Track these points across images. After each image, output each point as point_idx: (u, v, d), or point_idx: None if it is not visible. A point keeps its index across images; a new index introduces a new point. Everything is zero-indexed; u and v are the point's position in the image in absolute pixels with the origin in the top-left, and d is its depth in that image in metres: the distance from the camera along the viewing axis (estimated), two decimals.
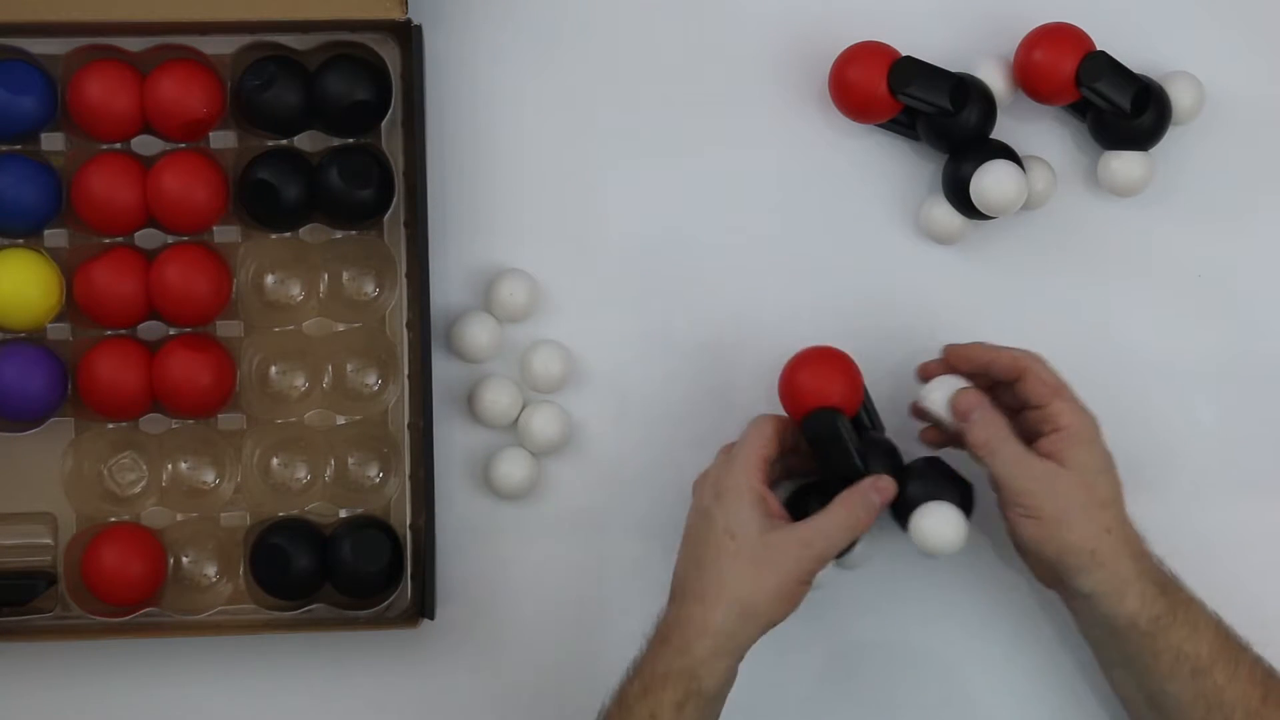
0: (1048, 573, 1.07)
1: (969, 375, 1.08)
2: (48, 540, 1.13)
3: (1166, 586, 1.04)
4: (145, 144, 1.13)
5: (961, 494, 1.08)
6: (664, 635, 1.02)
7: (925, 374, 1.10)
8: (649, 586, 1.09)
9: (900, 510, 1.07)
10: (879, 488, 1.05)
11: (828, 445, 1.07)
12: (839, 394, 1.08)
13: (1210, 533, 1.16)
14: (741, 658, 1.03)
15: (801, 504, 1.08)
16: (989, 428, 1.05)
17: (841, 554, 1.06)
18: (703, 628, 1.01)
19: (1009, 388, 1.07)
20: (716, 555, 1.02)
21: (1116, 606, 1.03)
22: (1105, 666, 1.09)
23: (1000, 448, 1.04)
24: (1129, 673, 1.07)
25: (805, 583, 1.03)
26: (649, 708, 1.01)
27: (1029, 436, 1.06)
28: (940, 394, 1.08)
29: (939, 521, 1.06)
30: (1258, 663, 1.04)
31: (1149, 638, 1.03)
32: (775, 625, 1.03)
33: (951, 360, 1.09)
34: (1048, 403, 1.05)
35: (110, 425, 1.13)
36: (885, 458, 1.08)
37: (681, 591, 1.04)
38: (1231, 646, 1.04)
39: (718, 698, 1.03)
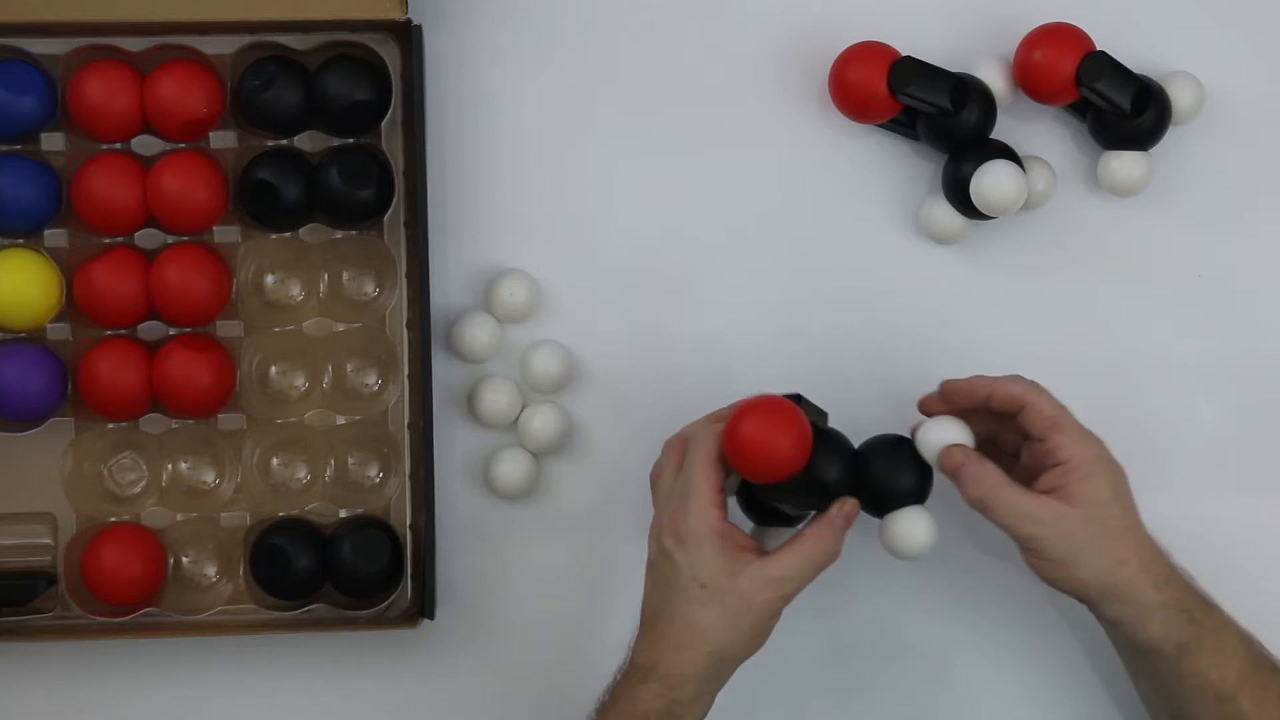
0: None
1: (969, 410, 1.05)
2: (48, 540, 1.13)
3: (1194, 612, 1.02)
4: (145, 144, 1.13)
5: (919, 478, 1.05)
6: (643, 674, 1.02)
7: (925, 408, 1.07)
8: None
9: (866, 500, 1.05)
10: (845, 514, 1.03)
11: (800, 496, 1.05)
12: (790, 448, 1.02)
13: (1210, 533, 1.15)
14: (720, 689, 1.03)
15: (751, 493, 1.06)
16: (981, 483, 1.02)
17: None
18: (682, 677, 1.01)
19: (1011, 420, 1.05)
20: (688, 603, 1.01)
21: (1139, 633, 1.02)
22: (1133, 677, 1.09)
23: (996, 500, 1.01)
24: (1154, 690, 1.06)
25: (776, 617, 1.02)
26: None
27: (1035, 470, 1.03)
28: (935, 438, 1.04)
29: (909, 528, 1.04)
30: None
31: (1174, 662, 1.02)
32: (749, 658, 1.03)
33: (948, 395, 1.06)
34: (1048, 437, 1.03)
35: (110, 425, 1.13)
36: (840, 457, 1.05)
37: (656, 633, 1.02)
38: (1261, 672, 1.02)
39: None
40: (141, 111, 1.11)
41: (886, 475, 1.05)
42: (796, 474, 1.02)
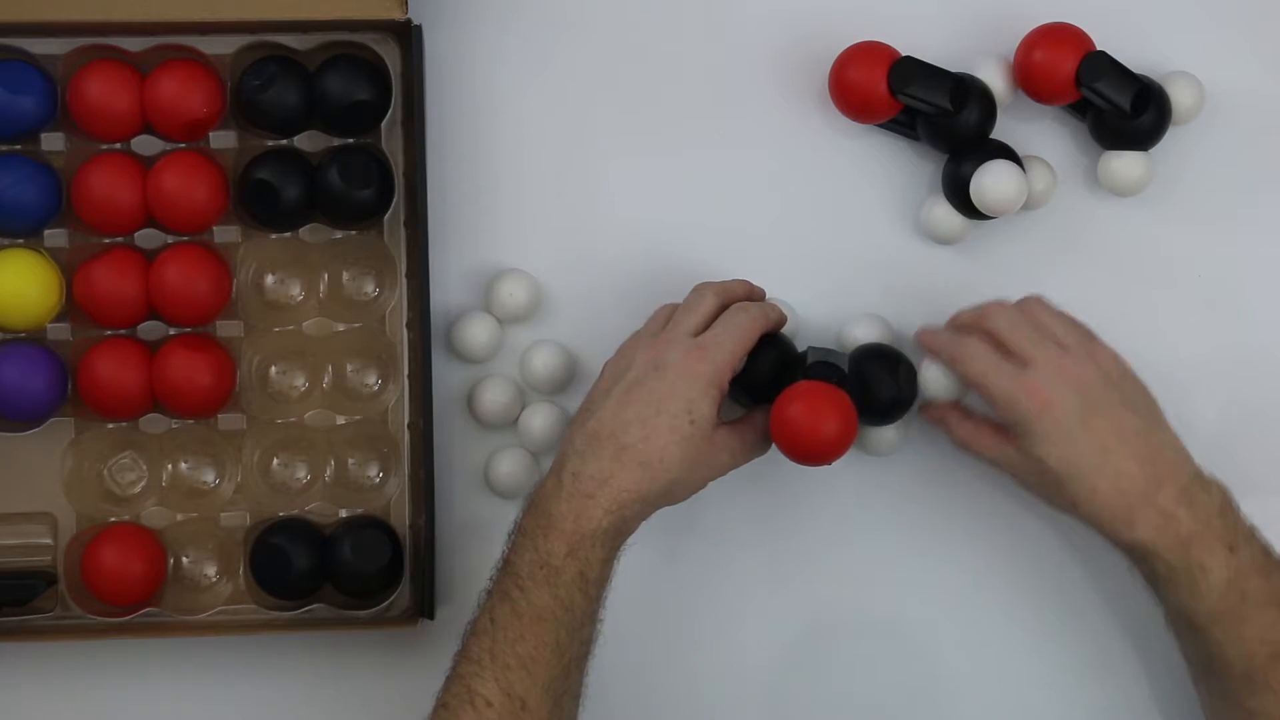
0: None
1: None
2: (48, 540, 1.13)
3: (1162, 552, 1.01)
4: (145, 144, 1.13)
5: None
6: (588, 490, 1.01)
7: (923, 343, 1.11)
8: (646, 586, 1.09)
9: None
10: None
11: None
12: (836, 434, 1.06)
13: None
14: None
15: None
16: (955, 434, 1.09)
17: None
18: (638, 494, 1.01)
19: None
20: (671, 431, 1.02)
21: (1118, 537, 1.04)
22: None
23: (968, 444, 1.09)
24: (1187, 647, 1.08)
25: (713, 480, 1.06)
26: (577, 566, 1.00)
27: None
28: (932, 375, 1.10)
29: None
30: (1276, 624, 1.01)
31: (1148, 582, 1.05)
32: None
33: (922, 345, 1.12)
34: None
35: (110, 425, 1.13)
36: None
37: (617, 447, 1.02)
38: (1243, 607, 1.01)
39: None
40: (141, 111, 1.11)
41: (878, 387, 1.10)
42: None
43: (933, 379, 1.10)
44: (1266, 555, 1.03)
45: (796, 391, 1.06)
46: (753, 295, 1.11)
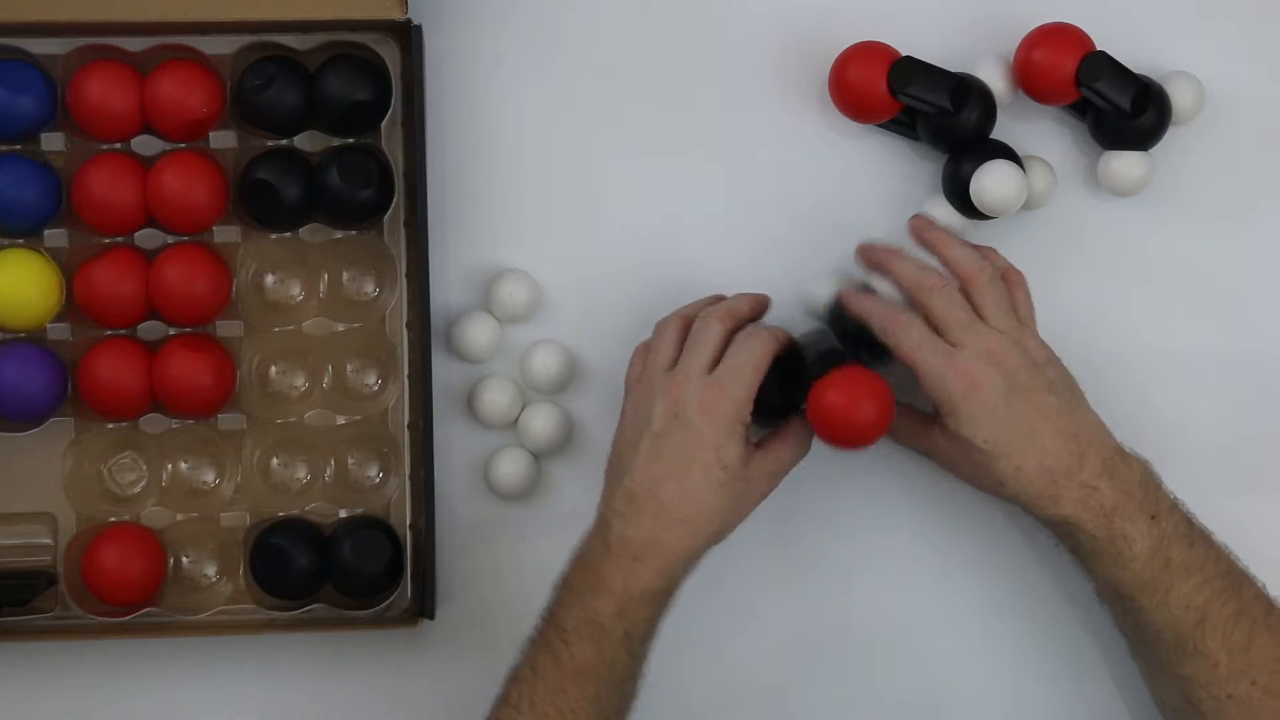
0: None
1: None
2: (48, 540, 1.13)
3: (1085, 525, 1.03)
4: (145, 144, 1.13)
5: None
6: (637, 554, 1.01)
7: (851, 303, 1.10)
8: None
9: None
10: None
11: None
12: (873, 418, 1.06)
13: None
14: None
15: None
16: (894, 427, 1.08)
17: None
18: (685, 553, 1.02)
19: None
20: (704, 480, 1.02)
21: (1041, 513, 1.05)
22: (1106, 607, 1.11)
23: (896, 433, 1.09)
24: (1121, 622, 1.09)
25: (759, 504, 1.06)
26: (624, 626, 1.01)
27: None
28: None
29: None
30: (1203, 587, 1.03)
31: (1074, 555, 1.06)
32: None
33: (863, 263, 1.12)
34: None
35: (110, 425, 1.13)
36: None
37: (656, 507, 1.02)
38: (1167, 575, 1.03)
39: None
40: (141, 111, 1.11)
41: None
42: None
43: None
44: (1189, 525, 1.05)
45: (831, 380, 1.05)
46: (759, 307, 1.11)
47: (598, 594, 1.02)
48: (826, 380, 1.05)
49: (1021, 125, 1.16)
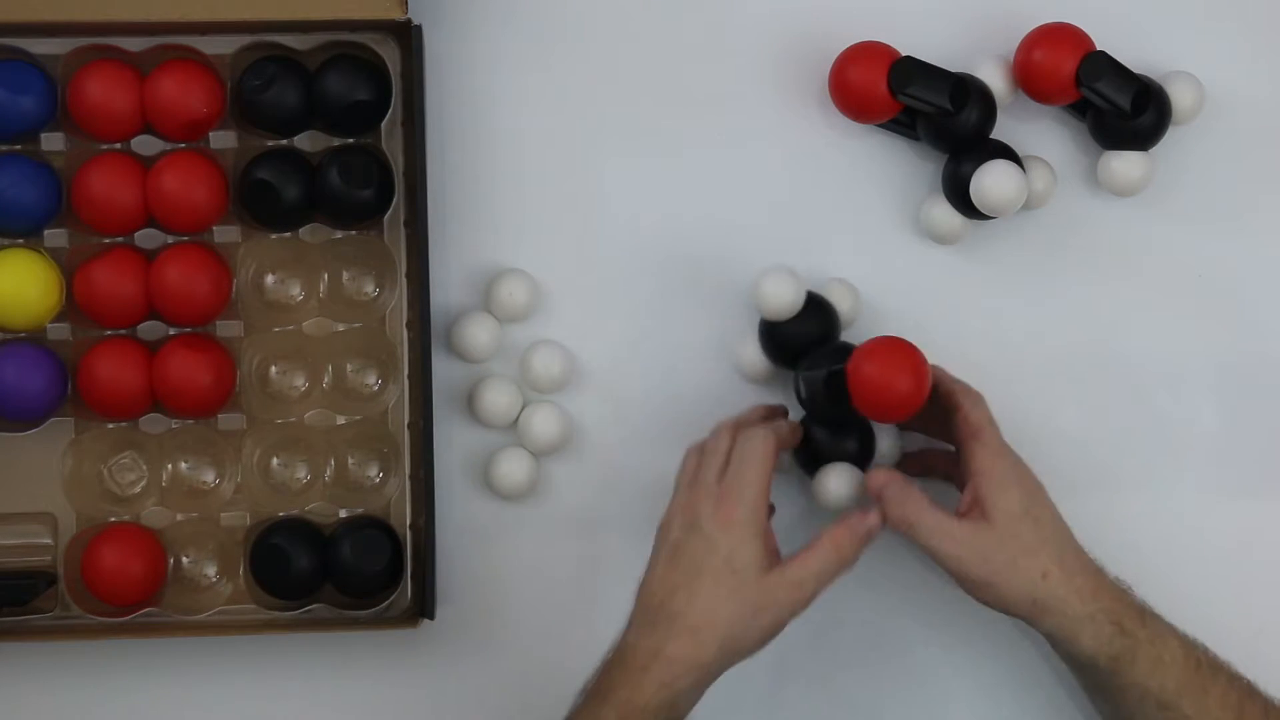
0: None
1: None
2: (48, 540, 1.13)
3: (1125, 623, 1.02)
4: (145, 144, 1.13)
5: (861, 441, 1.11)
6: (643, 664, 1.00)
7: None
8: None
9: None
10: (867, 523, 1.03)
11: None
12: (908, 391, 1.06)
13: (1210, 533, 1.16)
14: (710, 684, 1.02)
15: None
16: (903, 505, 1.03)
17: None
18: (691, 664, 1.00)
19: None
20: (714, 586, 1.00)
21: (1074, 646, 1.03)
22: (1083, 690, 1.09)
23: (917, 521, 1.03)
24: (1101, 700, 1.07)
25: (787, 622, 1.02)
26: None
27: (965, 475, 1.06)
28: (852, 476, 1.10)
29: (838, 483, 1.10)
30: (1231, 686, 1.03)
31: (1110, 674, 1.03)
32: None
33: None
34: (966, 443, 1.05)
35: (110, 425, 1.13)
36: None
37: (666, 617, 1.01)
38: (1201, 676, 1.03)
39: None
40: (141, 111, 1.11)
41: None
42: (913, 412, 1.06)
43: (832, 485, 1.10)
44: (1188, 635, 1.05)
45: (867, 351, 1.05)
46: (773, 415, 1.10)
47: (606, 702, 1.00)
48: (863, 351, 1.05)
49: (1021, 125, 1.16)
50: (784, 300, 1.10)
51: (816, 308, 1.12)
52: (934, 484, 1.11)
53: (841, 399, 1.07)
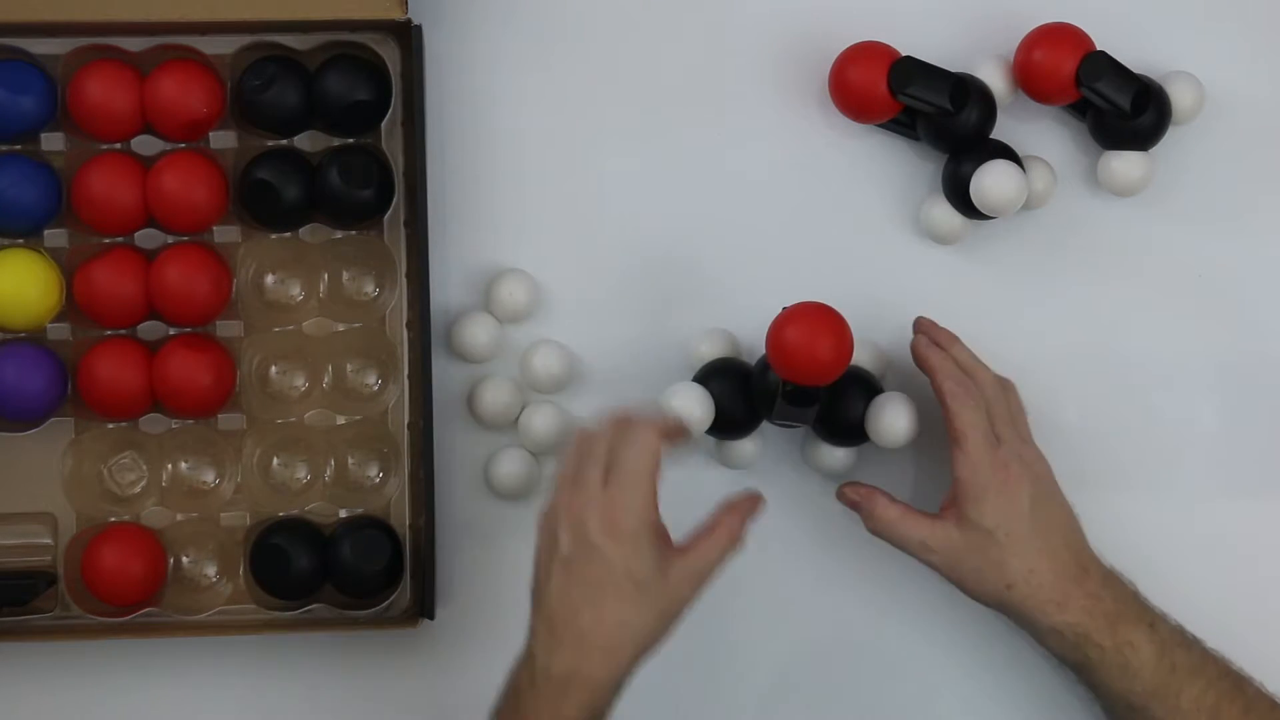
0: None
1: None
2: (48, 540, 1.13)
3: (1092, 635, 1.04)
4: (145, 144, 1.13)
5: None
6: (560, 687, 0.97)
7: (916, 348, 1.11)
8: None
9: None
10: (754, 504, 1.02)
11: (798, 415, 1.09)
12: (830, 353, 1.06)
13: (1210, 533, 1.16)
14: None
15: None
16: (875, 517, 1.08)
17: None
18: (611, 682, 0.98)
19: None
20: (618, 602, 0.97)
21: (1041, 646, 1.07)
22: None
23: (892, 530, 1.07)
24: (1083, 688, 1.09)
25: (688, 610, 1.00)
26: None
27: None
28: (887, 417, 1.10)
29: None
30: (1210, 688, 1.04)
31: (1079, 674, 1.06)
32: None
33: (914, 346, 1.11)
34: (951, 448, 1.06)
35: (110, 425, 1.13)
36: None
37: (575, 636, 0.97)
38: (1175, 679, 1.04)
39: None
40: (141, 111, 1.11)
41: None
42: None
43: (889, 418, 1.10)
44: (1182, 630, 1.06)
45: (789, 315, 1.06)
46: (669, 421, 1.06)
47: None
48: (784, 316, 1.05)
49: (1021, 125, 1.16)
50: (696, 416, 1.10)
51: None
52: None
53: (808, 401, 1.08)
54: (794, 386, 1.07)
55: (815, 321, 1.05)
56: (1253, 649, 1.06)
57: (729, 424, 1.11)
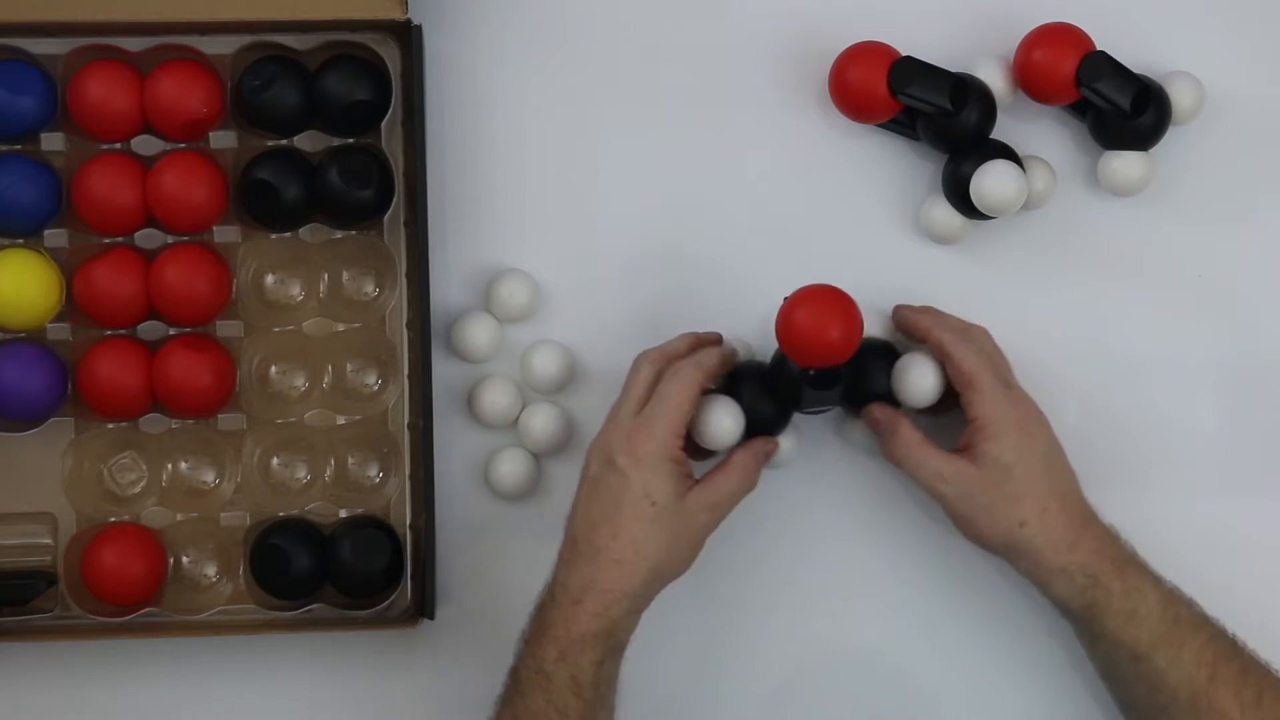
0: None
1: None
2: (48, 540, 1.13)
3: (1101, 578, 1.04)
4: (145, 144, 1.13)
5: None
6: (575, 597, 1.03)
7: (916, 324, 1.11)
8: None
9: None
10: (768, 450, 1.09)
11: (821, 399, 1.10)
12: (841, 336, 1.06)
13: (1210, 533, 1.16)
14: (645, 608, 1.05)
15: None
16: (896, 440, 1.08)
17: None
18: (623, 592, 1.03)
19: None
20: (634, 519, 1.03)
21: (1046, 593, 1.06)
22: (1074, 632, 1.10)
23: (908, 456, 1.08)
24: (1082, 642, 1.09)
25: (704, 542, 1.06)
26: (569, 670, 1.02)
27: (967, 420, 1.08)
28: (911, 375, 1.10)
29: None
30: (1210, 644, 1.04)
31: (1084, 622, 1.06)
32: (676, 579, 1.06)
33: (897, 322, 1.12)
34: (963, 392, 1.07)
35: (110, 425, 1.13)
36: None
37: (592, 550, 1.04)
38: (1179, 631, 1.04)
39: (627, 646, 1.05)
40: (141, 111, 1.11)
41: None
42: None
43: (915, 377, 1.09)
44: (1181, 591, 1.07)
45: (794, 301, 1.06)
46: (699, 343, 1.10)
47: (542, 641, 1.04)
48: (790, 302, 1.05)
49: (1021, 125, 1.16)
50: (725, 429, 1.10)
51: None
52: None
53: (832, 382, 1.09)
54: (815, 371, 1.08)
55: (820, 301, 1.06)
56: (1253, 648, 1.06)
57: (760, 424, 1.10)
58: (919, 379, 1.09)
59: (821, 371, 1.08)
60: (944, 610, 1.16)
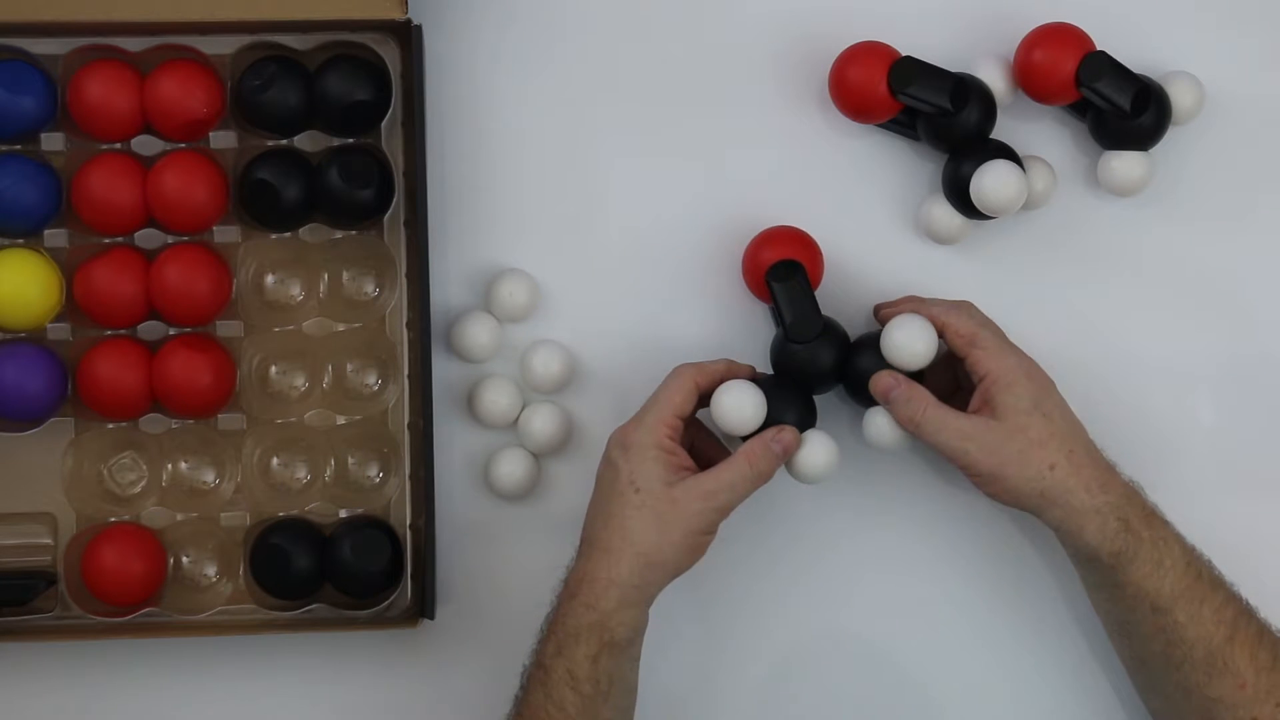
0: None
1: None
2: (48, 540, 1.13)
3: (1131, 521, 1.04)
4: (145, 144, 1.13)
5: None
6: (572, 591, 1.04)
7: (884, 319, 1.11)
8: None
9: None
10: (781, 439, 1.07)
11: (790, 292, 1.10)
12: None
13: (1210, 533, 1.15)
14: (650, 604, 1.05)
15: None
16: (911, 403, 1.07)
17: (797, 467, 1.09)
18: (609, 580, 1.03)
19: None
20: (621, 507, 1.04)
21: (1078, 540, 1.05)
22: (1085, 585, 1.10)
23: (924, 418, 1.06)
24: (1100, 597, 1.08)
25: (709, 533, 1.05)
26: (565, 664, 1.03)
27: (970, 389, 1.08)
28: (899, 336, 1.09)
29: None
30: (1228, 603, 1.04)
31: (1111, 570, 1.05)
32: (682, 574, 1.05)
33: (881, 320, 1.11)
34: (967, 354, 1.07)
35: (110, 425, 1.13)
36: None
37: (589, 543, 1.05)
38: (1200, 586, 1.04)
39: (631, 644, 1.04)
40: (141, 111, 1.11)
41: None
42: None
43: (903, 339, 1.08)
44: (1199, 550, 1.07)
45: (764, 237, 1.09)
46: (733, 372, 1.10)
47: (546, 637, 1.05)
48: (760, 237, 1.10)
49: (1021, 125, 1.16)
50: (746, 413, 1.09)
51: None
52: None
53: (789, 274, 1.10)
54: (773, 266, 1.09)
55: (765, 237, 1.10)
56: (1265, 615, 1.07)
57: (776, 402, 1.09)
58: (909, 340, 1.08)
59: (777, 265, 1.09)
60: (945, 609, 1.16)
